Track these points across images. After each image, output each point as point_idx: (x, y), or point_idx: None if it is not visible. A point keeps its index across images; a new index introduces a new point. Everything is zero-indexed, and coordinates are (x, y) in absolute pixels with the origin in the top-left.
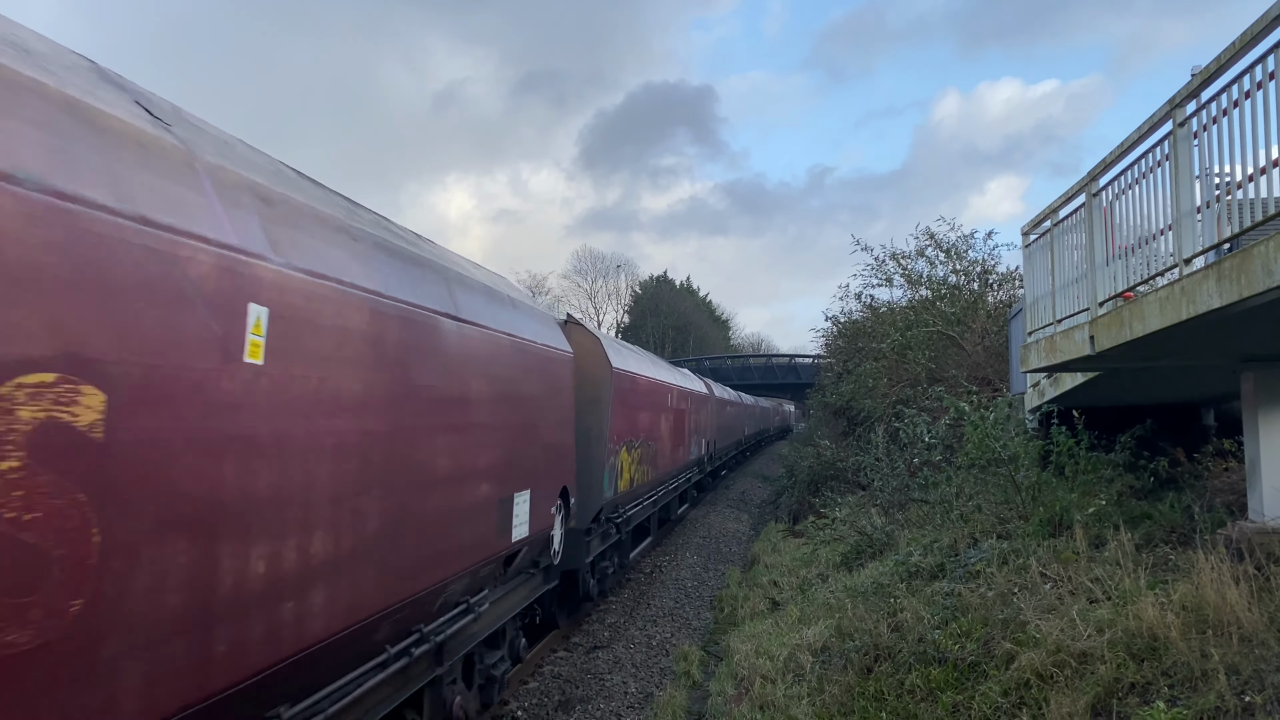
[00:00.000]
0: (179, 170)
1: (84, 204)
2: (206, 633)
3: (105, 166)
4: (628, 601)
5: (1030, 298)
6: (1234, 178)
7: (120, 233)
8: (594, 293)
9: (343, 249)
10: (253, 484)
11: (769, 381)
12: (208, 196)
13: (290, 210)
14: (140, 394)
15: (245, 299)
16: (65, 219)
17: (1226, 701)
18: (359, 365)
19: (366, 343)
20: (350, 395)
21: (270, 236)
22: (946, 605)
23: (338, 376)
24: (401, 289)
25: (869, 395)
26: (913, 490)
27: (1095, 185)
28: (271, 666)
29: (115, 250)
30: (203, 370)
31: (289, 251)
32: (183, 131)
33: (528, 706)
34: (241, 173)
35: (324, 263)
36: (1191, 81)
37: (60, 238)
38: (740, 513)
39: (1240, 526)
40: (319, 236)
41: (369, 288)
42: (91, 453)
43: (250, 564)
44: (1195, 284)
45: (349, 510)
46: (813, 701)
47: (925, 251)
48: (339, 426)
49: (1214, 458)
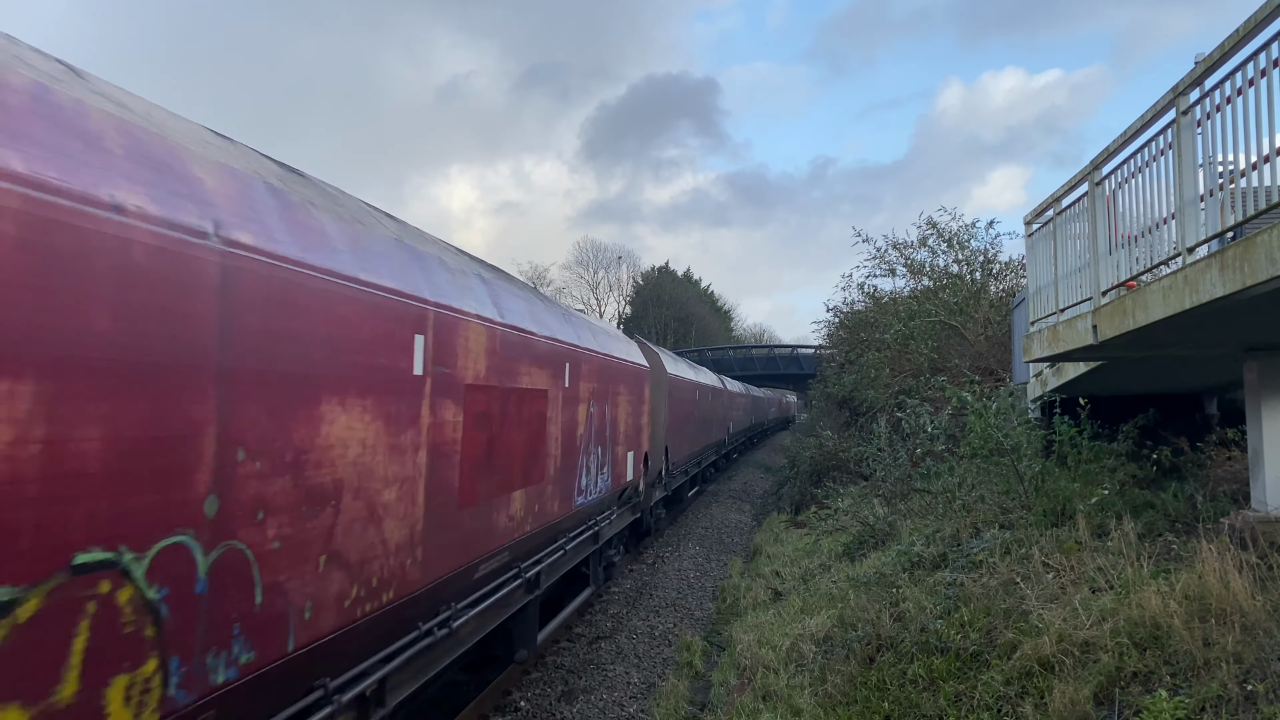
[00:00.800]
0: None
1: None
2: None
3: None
4: (630, 592)
5: (1033, 287)
6: (1237, 166)
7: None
8: (595, 284)
9: (535, 310)
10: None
11: (771, 372)
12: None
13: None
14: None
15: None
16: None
17: (1229, 690)
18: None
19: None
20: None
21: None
22: (949, 595)
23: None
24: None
25: (871, 385)
26: (915, 480)
27: (1098, 174)
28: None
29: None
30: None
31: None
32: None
33: (531, 697)
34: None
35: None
36: (1195, 69)
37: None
38: (742, 503)
39: (1243, 515)
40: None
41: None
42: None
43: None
44: (1198, 273)
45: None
46: (815, 691)
47: (928, 241)
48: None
49: (1217, 447)
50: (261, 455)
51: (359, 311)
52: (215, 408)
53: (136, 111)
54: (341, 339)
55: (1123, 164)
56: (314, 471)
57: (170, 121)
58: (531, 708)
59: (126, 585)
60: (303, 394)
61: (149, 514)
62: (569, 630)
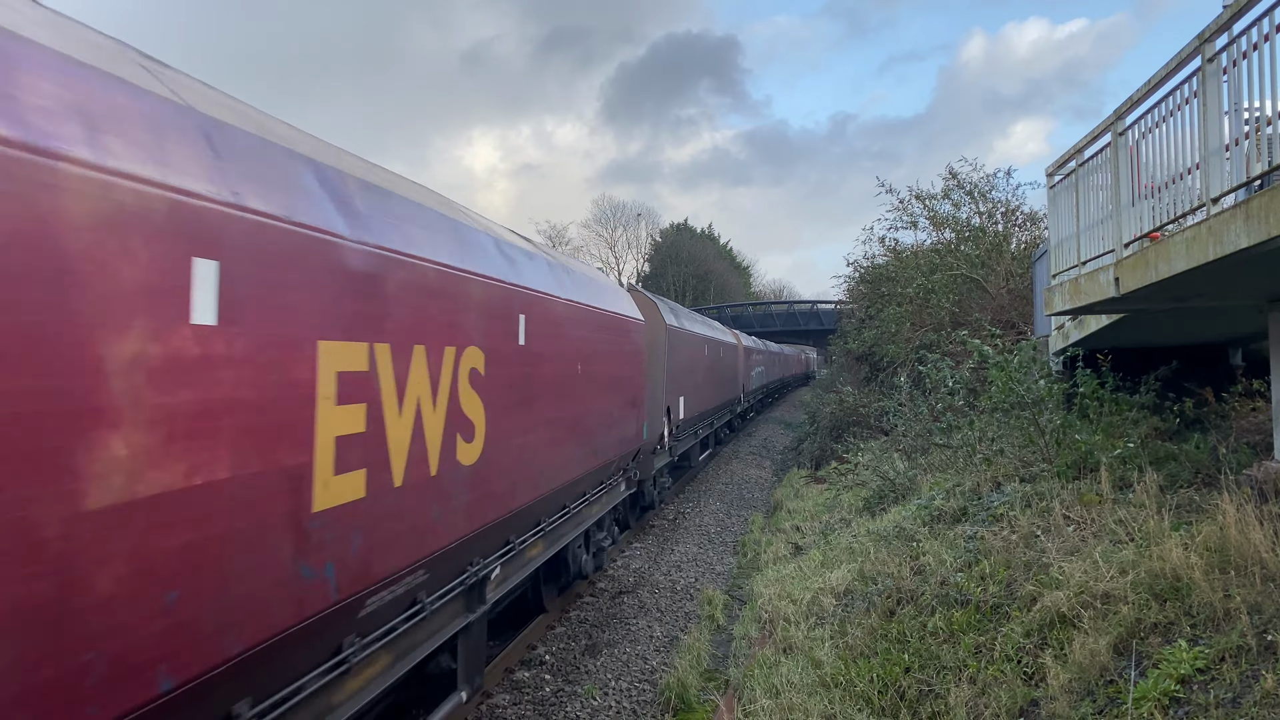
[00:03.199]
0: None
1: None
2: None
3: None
4: (652, 547)
5: (1055, 240)
6: (1264, 114)
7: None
8: (614, 242)
9: (570, 283)
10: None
11: (791, 328)
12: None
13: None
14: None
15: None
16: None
17: (1248, 640)
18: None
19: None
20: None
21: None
22: (969, 548)
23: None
24: (559, 287)
25: (892, 340)
26: (935, 435)
27: (1121, 124)
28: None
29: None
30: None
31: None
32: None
33: (555, 651)
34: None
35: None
36: (1222, 15)
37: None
38: (762, 459)
39: (1265, 467)
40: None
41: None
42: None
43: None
44: (1223, 223)
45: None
46: (835, 644)
47: (950, 194)
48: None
49: (1241, 398)
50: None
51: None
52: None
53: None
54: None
55: (1147, 114)
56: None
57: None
58: (556, 661)
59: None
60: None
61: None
62: (592, 585)
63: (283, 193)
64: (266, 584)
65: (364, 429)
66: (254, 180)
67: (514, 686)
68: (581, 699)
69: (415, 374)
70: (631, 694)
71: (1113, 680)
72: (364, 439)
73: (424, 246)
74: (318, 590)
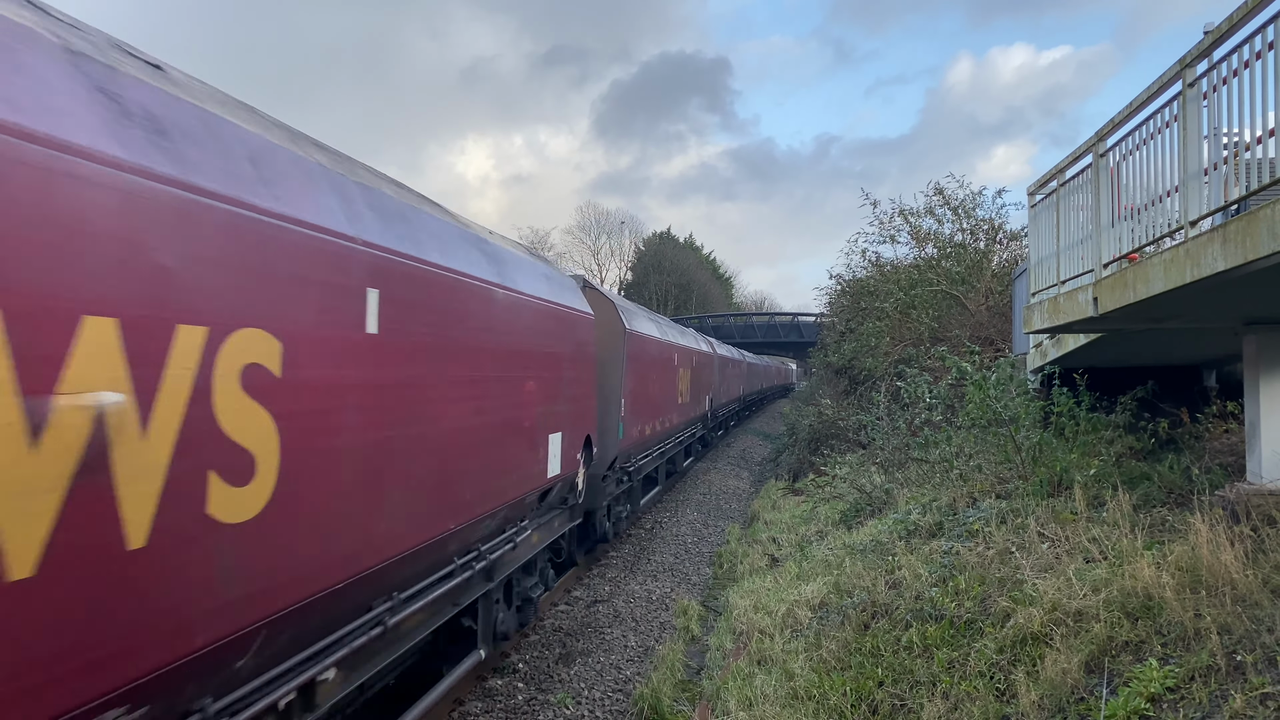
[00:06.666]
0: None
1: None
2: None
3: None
4: (628, 556)
5: (1035, 258)
6: (1243, 140)
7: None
8: (597, 250)
9: (482, 259)
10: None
11: (772, 340)
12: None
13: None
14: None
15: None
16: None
17: (1218, 660)
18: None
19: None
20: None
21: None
22: (944, 563)
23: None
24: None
25: (871, 354)
26: (913, 449)
27: (1103, 145)
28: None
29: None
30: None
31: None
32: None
33: (529, 659)
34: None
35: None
36: (1203, 41)
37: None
38: (741, 470)
39: (1238, 488)
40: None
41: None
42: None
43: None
44: (1200, 246)
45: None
46: (810, 656)
47: (934, 210)
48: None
49: (1215, 419)
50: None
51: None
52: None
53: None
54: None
55: (1127, 136)
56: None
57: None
58: (530, 669)
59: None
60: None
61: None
62: (567, 594)
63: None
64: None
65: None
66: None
67: (486, 694)
68: (554, 707)
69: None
70: (605, 704)
71: (1084, 698)
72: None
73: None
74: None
